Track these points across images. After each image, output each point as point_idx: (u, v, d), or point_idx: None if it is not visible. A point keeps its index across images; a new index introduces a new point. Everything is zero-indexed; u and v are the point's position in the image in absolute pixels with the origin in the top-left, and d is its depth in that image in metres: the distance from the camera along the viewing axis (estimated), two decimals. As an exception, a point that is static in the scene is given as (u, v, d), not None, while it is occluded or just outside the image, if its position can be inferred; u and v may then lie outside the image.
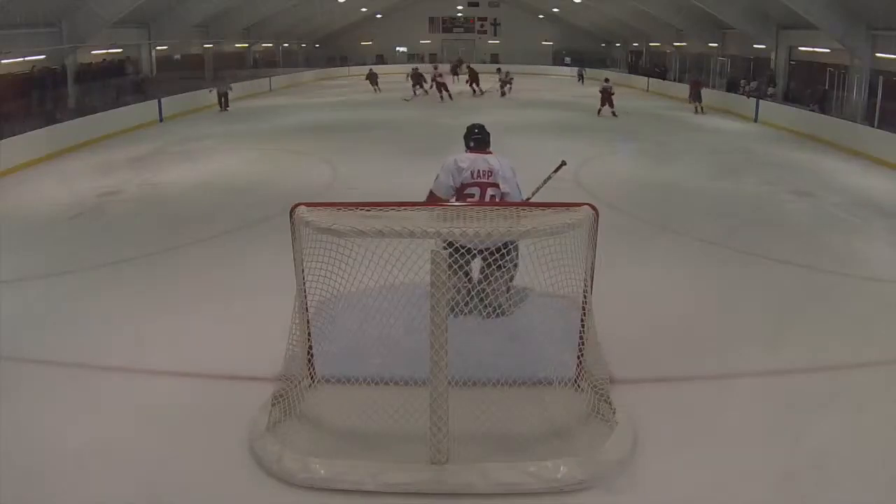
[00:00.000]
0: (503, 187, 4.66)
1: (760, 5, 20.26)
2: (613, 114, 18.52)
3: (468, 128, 4.96)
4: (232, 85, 20.76)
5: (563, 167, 5.38)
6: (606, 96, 18.82)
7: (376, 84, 25.97)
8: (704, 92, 22.83)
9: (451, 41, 40.94)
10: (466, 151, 4.83)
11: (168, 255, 7.02)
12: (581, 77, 32.71)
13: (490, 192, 4.66)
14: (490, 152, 4.82)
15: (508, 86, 23.96)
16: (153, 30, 21.89)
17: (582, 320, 3.97)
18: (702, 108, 19.70)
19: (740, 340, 4.99)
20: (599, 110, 18.87)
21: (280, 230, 4.27)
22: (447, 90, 22.13)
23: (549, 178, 5.23)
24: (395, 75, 28.58)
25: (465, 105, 21.29)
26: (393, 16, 39.66)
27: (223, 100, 20.01)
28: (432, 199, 4.63)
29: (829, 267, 6.61)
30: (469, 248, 3.93)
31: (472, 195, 4.65)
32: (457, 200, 4.62)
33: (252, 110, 20.17)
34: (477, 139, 4.83)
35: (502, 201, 4.62)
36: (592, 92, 22.36)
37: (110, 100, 16.78)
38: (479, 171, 4.66)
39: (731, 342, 4.95)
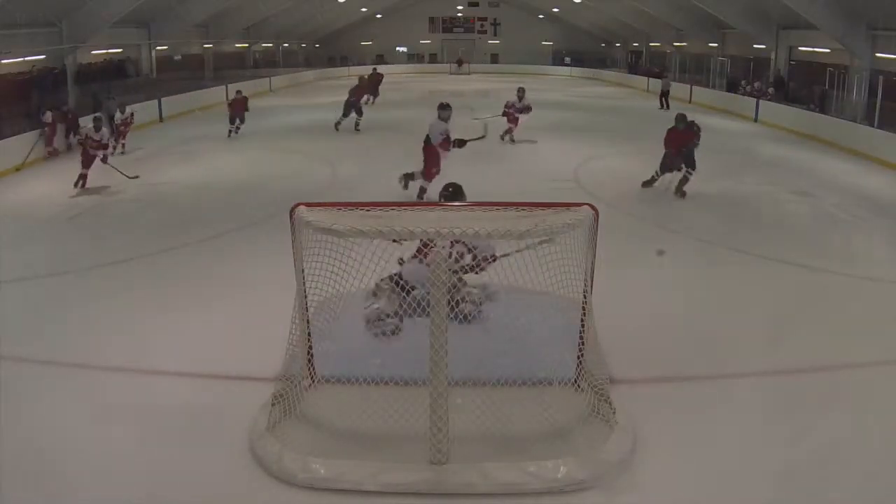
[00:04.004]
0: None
1: (760, 5, 20.25)
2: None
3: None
4: (125, 106, 13.42)
5: None
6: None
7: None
8: (705, 92, 22.72)
9: (451, 41, 40.91)
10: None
11: (168, 255, 7.02)
12: (665, 97, 20.71)
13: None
14: None
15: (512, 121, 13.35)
16: (153, 30, 21.86)
17: (582, 320, 3.98)
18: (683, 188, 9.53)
19: (740, 340, 4.99)
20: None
21: (280, 230, 4.27)
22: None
23: None
24: (396, 75, 28.52)
25: (473, 105, 21.27)
26: (393, 16, 39.62)
27: (114, 126, 12.82)
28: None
29: (829, 267, 6.61)
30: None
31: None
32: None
33: (252, 110, 20.13)
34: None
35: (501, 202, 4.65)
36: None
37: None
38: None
39: (730, 342, 4.95)
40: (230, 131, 14.99)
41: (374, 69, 22.68)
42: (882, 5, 15.00)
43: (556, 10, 36.00)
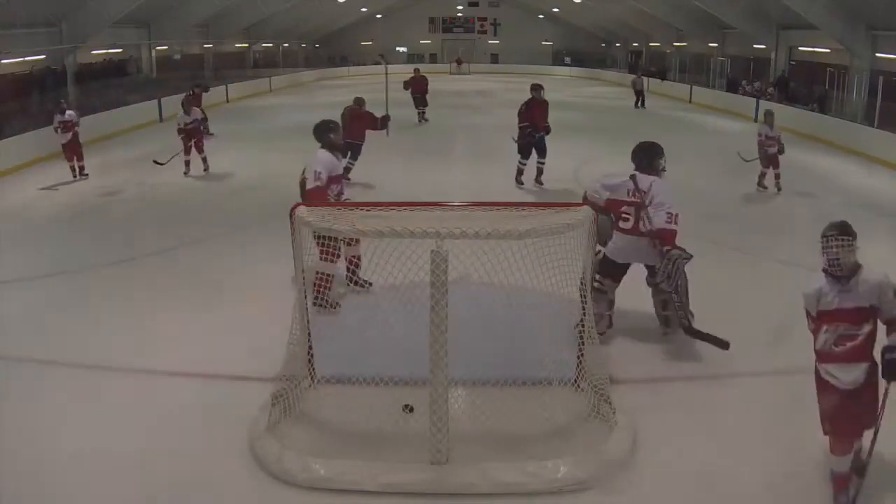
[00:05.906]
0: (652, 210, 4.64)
1: (760, 5, 20.27)
2: None
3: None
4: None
5: None
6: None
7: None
8: (705, 92, 22.65)
9: (451, 41, 40.94)
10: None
11: (168, 255, 7.02)
12: (641, 97, 21.10)
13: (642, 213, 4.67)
14: (650, 174, 4.77)
15: None
16: (153, 30, 21.91)
17: (582, 320, 3.98)
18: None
19: (740, 340, 4.98)
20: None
21: (280, 230, 4.27)
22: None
23: None
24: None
25: (473, 104, 21.27)
26: (393, 16, 39.65)
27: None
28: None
29: (829, 267, 6.59)
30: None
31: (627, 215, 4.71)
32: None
33: (252, 110, 20.16)
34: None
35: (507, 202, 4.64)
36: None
37: (112, 99, 16.67)
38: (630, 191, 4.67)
39: (731, 342, 4.94)
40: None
41: (416, 70, 18.44)
42: (882, 5, 15.01)
43: (556, 10, 36.03)
